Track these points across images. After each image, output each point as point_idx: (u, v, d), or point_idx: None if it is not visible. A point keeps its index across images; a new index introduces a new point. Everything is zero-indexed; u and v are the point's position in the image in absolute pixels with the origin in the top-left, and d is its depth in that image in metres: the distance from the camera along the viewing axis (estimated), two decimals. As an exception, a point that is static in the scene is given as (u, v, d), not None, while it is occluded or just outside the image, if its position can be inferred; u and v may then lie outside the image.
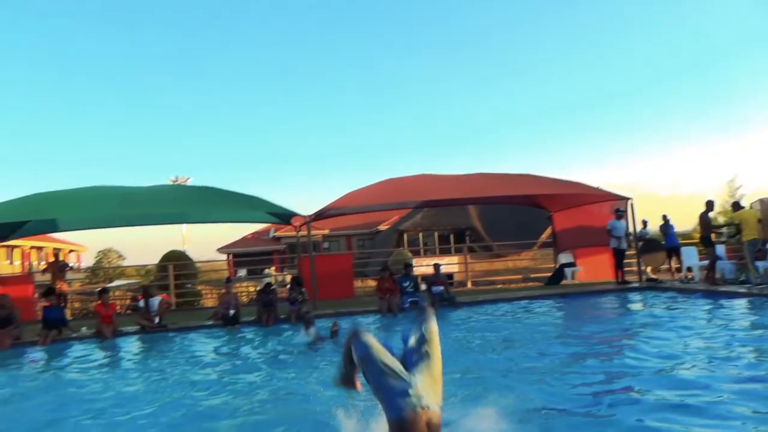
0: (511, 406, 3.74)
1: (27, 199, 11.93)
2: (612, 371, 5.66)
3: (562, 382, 5.14)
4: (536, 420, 4.00)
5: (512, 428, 3.63)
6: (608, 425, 3.98)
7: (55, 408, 5.65)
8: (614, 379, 5.36)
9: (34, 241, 39.83)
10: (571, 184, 14.71)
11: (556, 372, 5.63)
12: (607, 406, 4.42)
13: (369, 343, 3.08)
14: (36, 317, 13.04)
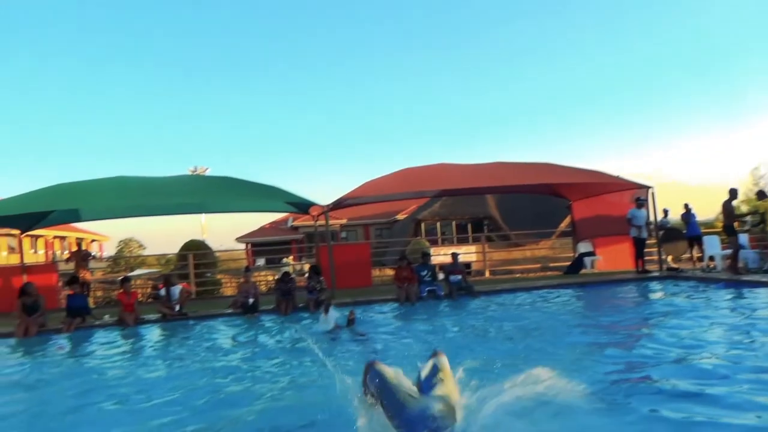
0: (528, 394, 3.72)
1: (51, 190, 12.12)
2: (630, 360, 5.63)
3: (581, 370, 5.12)
4: (553, 407, 3.99)
5: (528, 415, 3.62)
6: (625, 413, 3.97)
7: (79, 394, 5.77)
8: (632, 367, 5.33)
9: (57, 231, 40.54)
10: (590, 173, 14.56)
11: (575, 360, 5.61)
12: (624, 394, 4.41)
13: (383, 371, 3.12)
14: (60, 305, 13.30)
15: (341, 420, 3.57)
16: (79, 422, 4.71)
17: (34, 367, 7.83)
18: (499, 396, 3.54)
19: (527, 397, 3.69)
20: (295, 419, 4.13)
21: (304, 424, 3.94)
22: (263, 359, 6.99)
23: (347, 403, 3.82)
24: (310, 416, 4.04)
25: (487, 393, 3.58)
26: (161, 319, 11.26)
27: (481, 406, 3.43)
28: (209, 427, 4.31)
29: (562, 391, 3.92)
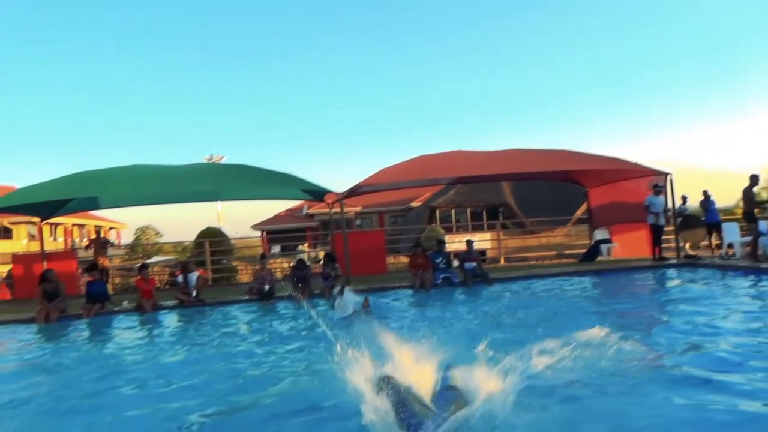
0: (540, 380, 3.73)
1: (70, 178, 12.27)
2: (645, 347, 5.59)
3: (594, 357, 5.10)
4: (564, 393, 3.99)
5: (539, 400, 3.62)
6: (636, 400, 3.97)
7: (99, 378, 5.87)
8: (646, 354, 5.30)
9: (76, 219, 41.11)
10: (608, 160, 14.40)
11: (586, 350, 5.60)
12: (637, 380, 4.40)
13: (398, 385, 3.13)
14: (79, 292, 13.52)
15: (352, 406, 3.59)
16: (99, 405, 4.80)
17: (55, 351, 7.99)
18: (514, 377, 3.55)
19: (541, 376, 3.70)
20: (310, 403, 4.17)
21: (319, 409, 3.97)
22: (279, 345, 7.06)
23: (357, 391, 3.84)
24: (324, 401, 4.07)
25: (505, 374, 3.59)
26: (179, 305, 11.39)
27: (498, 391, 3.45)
28: (226, 411, 4.37)
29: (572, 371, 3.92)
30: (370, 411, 3.36)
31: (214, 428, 4.01)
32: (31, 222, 35.19)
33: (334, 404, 3.81)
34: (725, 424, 3.50)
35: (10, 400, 5.06)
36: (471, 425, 3.15)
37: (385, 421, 3.27)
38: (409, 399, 3.15)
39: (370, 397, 3.44)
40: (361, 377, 3.66)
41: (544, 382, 3.71)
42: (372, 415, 3.34)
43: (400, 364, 3.85)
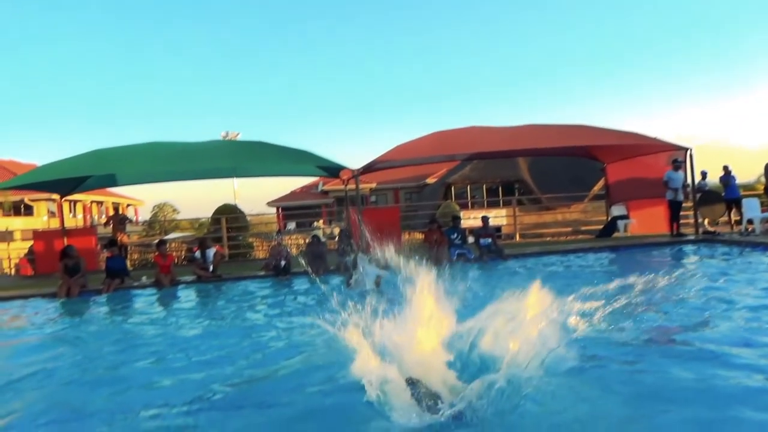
0: (551, 353, 3.74)
1: (88, 155, 12.40)
2: (657, 324, 5.57)
3: (605, 332, 5.10)
4: (570, 365, 4.00)
5: (544, 373, 3.63)
6: (644, 376, 4.00)
7: (119, 351, 6.01)
8: (658, 331, 5.29)
9: (94, 196, 41.59)
10: (627, 135, 14.18)
11: (601, 322, 5.59)
12: (646, 357, 4.41)
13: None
14: (99, 267, 13.74)
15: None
16: (120, 377, 4.91)
17: (76, 325, 8.17)
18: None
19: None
20: (324, 376, 4.22)
21: (332, 380, 4.03)
22: (294, 319, 7.13)
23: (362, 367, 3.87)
24: (337, 374, 4.12)
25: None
26: (196, 280, 11.54)
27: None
28: (242, 383, 4.45)
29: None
30: (373, 387, 3.42)
31: (231, 399, 4.09)
32: (50, 199, 35.73)
33: (347, 377, 3.85)
34: (731, 396, 3.53)
35: (36, 372, 5.20)
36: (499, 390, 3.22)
37: (390, 394, 3.34)
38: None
39: (373, 373, 3.50)
40: (365, 356, 3.70)
41: (553, 354, 3.72)
42: (375, 390, 3.41)
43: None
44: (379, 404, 3.39)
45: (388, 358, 3.76)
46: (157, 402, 4.10)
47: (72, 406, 4.14)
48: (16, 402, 4.33)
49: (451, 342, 3.96)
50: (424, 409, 3.22)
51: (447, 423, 3.15)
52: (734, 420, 3.23)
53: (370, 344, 3.83)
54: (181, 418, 3.79)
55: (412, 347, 3.79)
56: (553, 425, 3.29)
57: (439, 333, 3.88)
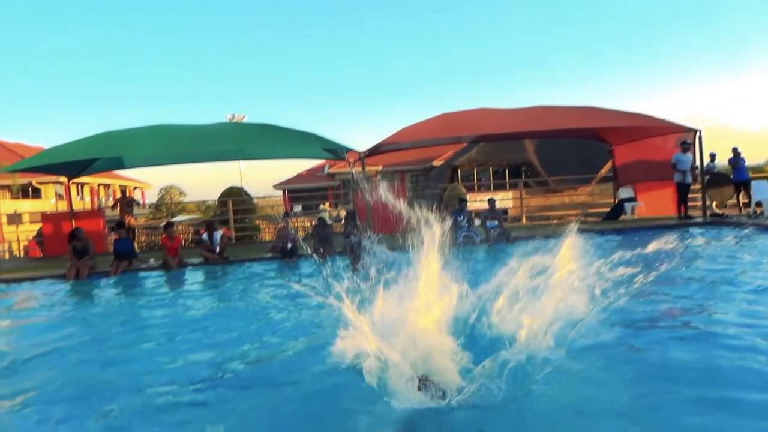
0: (551, 334, 3.76)
1: (96, 138, 12.41)
2: (662, 305, 5.57)
3: (606, 313, 5.10)
4: (579, 343, 4.00)
5: (543, 352, 3.64)
6: (649, 356, 4.03)
7: (128, 331, 6.09)
8: (663, 312, 5.29)
9: (101, 179, 41.72)
10: (635, 116, 14.04)
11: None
12: (651, 337, 4.42)
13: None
14: (107, 250, 13.82)
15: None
16: (130, 357, 4.98)
17: (86, 306, 8.27)
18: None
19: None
20: (330, 357, 4.24)
21: (339, 362, 4.06)
22: (300, 301, 7.17)
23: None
24: (343, 355, 4.15)
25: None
26: (203, 263, 11.60)
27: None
28: (250, 363, 4.50)
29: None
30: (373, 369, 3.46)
31: (239, 379, 4.14)
32: (58, 182, 35.87)
33: (351, 358, 3.88)
34: (734, 377, 3.56)
35: (48, 351, 5.28)
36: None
37: (393, 377, 3.36)
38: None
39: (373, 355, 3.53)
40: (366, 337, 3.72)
41: (557, 333, 3.73)
42: (376, 372, 3.44)
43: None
44: (381, 386, 3.42)
45: (393, 339, 3.77)
46: (167, 380, 4.16)
47: (84, 385, 4.20)
48: (30, 381, 4.40)
49: (461, 310, 3.99)
50: (432, 398, 3.24)
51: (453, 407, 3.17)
52: (736, 401, 3.24)
53: (370, 324, 3.84)
54: (190, 395, 3.87)
55: (416, 322, 3.80)
56: (558, 403, 3.30)
57: (444, 303, 3.90)
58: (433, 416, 3.14)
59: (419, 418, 3.15)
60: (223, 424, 3.33)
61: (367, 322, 3.74)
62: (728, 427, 2.99)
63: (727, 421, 3.04)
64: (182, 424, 3.41)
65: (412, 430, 3.13)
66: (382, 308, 4.08)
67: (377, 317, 4.03)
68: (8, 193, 36.07)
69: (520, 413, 3.19)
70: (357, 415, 3.34)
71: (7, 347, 5.70)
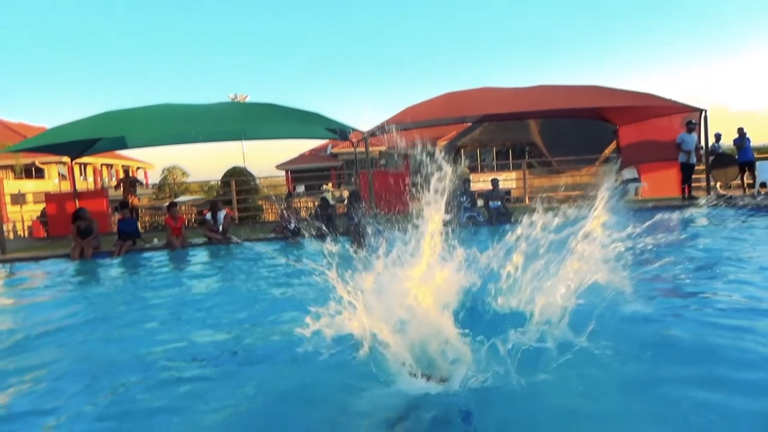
0: (553, 312, 3.77)
1: (98, 118, 12.38)
2: (664, 286, 5.57)
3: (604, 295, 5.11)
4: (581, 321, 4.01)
5: (541, 330, 3.65)
6: (648, 336, 4.05)
7: (132, 310, 6.13)
8: (664, 292, 5.30)
9: (104, 159, 41.72)
10: (640, 96, 13.93)
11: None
12: (651, 317, 4.44)
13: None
14: (110, 230, 13.88)
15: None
16: (135, 336, 5.01)
17: (90, 285, 8.33)
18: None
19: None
20: (332, 336, 4.26)
21: (341, 341, 4.08)
22: (303, 280, 7.20)
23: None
24: (344, 334, 4.18)
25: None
26: (207, 243, 11.64)
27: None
28: (253, 341, 4.54)
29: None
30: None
31: (242, 356, 4.18)
32: (61, 162, 35.86)
33: (350, 339, 3.92)
34: (733, 357, 3.57)
35: (55, 329, 5.34)
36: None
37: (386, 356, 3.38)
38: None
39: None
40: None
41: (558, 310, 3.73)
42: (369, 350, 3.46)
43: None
44: (379, 369, 3.43)
45: (389, 314, 3.78)
46: (172, 358, 4.21)
47: (92, 362, 4.25)
48: (39, 358, 4.45)
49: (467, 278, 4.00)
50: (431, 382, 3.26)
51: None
52: (734, 381, 3.25)
53: (366, 301, 3.85)
54: (195, 370, 3.94)
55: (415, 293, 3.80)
56: (556, 384, 3.31)
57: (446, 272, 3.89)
58: (432, 400, 3.15)
59: (417, 401, 3.16)
60: (226, 399, 3.38)
61: (362, 300, 3.75)
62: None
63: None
64: (187, 398, 3.46)
65: (410, 413, 3.14)
66: (374, 280, 4.07)
67: (373, 289, 4.02)
68: (11, 173, 36.09)
69: (524, 395, 3.19)
70: (354, 396, 3.35)
71: (16, 325, 5.77)
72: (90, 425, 3.19)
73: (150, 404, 3.41)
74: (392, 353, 3.44)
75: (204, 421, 3.13)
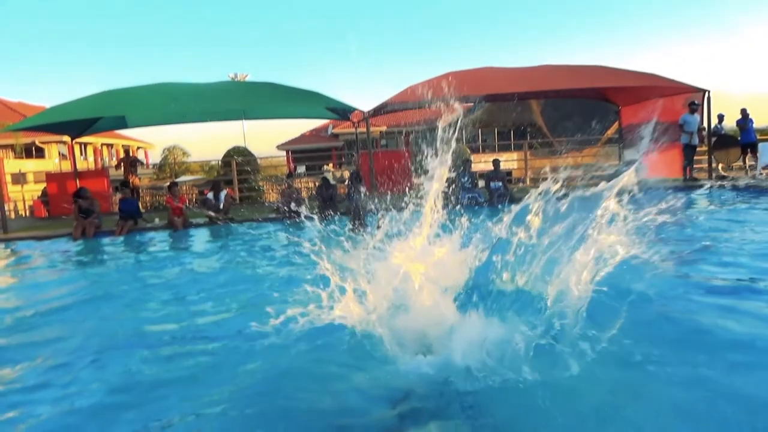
0: (554, 293, 3.77)
1: (98, 97, 12.33)
2: (662, 268, 5.58)
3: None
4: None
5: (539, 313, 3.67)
6: (645, 317, 4.04)
7: (134, 288, 6.17)
8: (662, 273, 5.31)
9: (104, 138, 41.61)
10: (643, 76, 13.84)
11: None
12: (650, 299, 4.45)
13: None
14: (111, 209, 13.89)
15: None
16: (135, 315, 5.06)
17: (92, 264, 8.38)
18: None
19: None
20: (331, 316, 4.30)
21: (342, 320, 4.10)
22: (302, 261, 7.23)
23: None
24: (343, 314, 4.20)
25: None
26: (208, 223, 11.65)
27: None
28: (254, 320, 4.57)
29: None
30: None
31: (245, 335, 4.19)
32: (61, 141, 35.76)
33: (347, 321, 3.94)
34: (728, 342, 3.59)
35: (56, 308, 5.39)
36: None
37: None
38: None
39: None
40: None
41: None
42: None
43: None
44: (379, 352, 3.46)
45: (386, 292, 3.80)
46: (175, 335, 4.28)
47: (96, 339, 4.29)
48: (42, 335, 4.52)
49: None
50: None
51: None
52: (732, 363, 3.27)
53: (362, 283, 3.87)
54: (200, 345, 4.03)
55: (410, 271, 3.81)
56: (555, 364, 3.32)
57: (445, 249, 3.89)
58: (432, 384, 3.15)
59: (418, 385, 3.17)
60: (230, 376, 3.42)
61: (355, 282, 3.78)
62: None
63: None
64: (191, 372, 3.53)
65: (410, 397, 3.14)
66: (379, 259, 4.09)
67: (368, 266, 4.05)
68: (12, 152, 36.02)
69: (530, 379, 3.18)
70: (356, 375, 3.38)
71: (21, 303, 5.83)
72: (94, 399, 3.25)
73: (154, 379, 3.47)
74: (393, 332, 3.47)
75: (208, 397, 3.17)
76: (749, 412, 2.72)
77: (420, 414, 2.94)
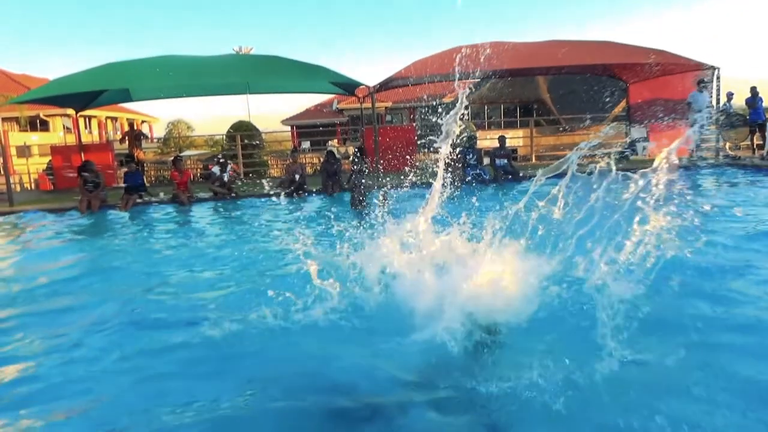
0: (554, 275, 3.78)
1: (102, 69, 12.26)
2: (665, 251, 5.56)
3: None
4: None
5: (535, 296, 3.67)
6: (646, 302, 4.02)
7: (141, 261, 6.23)
8: (663, 256, 5.30)
9: (109, 112, 41.41)
10: (652, 52, 13.63)
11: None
12: (650, 283, 4.44)
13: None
14: (116, 183, 13.90)
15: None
16: (148, 286, 5.11)
17: (99, 237, 8.43)
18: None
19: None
20: (334, 290, 4.32)
21: (344, 293, 4.13)
22: (306, 235, 7.24)
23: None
24: (344, 283, 4.23)
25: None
26: (213, 197, 11.66)
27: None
28: (258, 293, 4.60)
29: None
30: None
31: (250, 307, 4.22)
32: (65, 114, 35.65)
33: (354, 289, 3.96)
34: (730, 324, 3.66)
35: (63, 279, 5.45)
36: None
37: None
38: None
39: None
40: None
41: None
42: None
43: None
44: (394, 321, 3.48)
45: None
46: (183, 306, 4.35)
47: (104, 306, 4.36)
48: (51, 305, 4.59)
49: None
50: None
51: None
52: (729, 346, 3.29)
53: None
54: (206, 314, 4.10)
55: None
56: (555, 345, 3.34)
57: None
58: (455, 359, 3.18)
59: (442, 358, 3.20)
60: (239, 350, 3.48)
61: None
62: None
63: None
64: (196, 343, 3.62)
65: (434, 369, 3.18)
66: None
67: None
68: (17, 125, 35.95)
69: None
70: (374, 350, 3.41)
71: (30, 274, 5.90)
72: (105, 365, 3.36)
73: (154, 348, 3.54)
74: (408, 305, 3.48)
75: (216, 367, 3.23)
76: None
77: (423, 398, 2.96)
